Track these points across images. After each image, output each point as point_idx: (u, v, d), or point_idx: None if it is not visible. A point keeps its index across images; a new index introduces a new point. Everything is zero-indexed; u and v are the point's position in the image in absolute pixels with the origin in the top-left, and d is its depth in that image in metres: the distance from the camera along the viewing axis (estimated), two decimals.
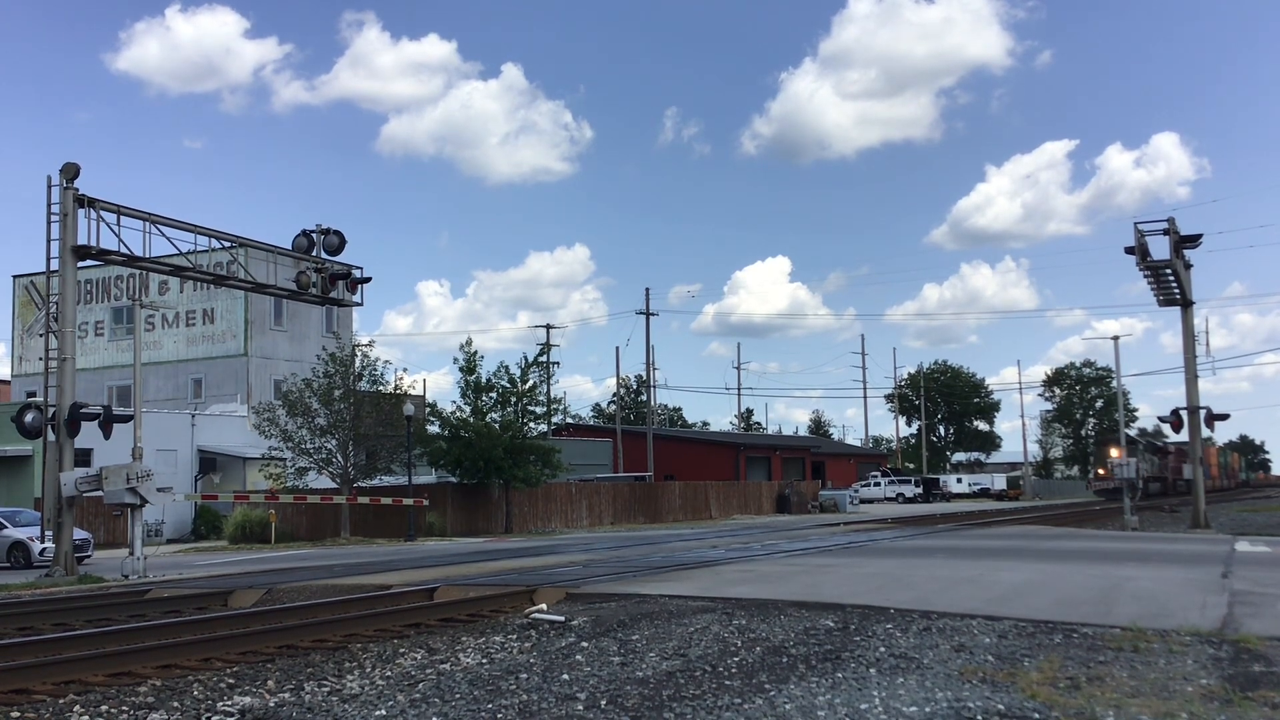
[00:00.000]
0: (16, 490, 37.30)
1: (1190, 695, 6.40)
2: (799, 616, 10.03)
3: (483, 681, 7.10)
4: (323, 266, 24.74)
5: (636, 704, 6.35)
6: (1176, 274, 31.63)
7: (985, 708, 6.05)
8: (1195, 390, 32.70)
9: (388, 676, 7.43)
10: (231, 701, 6.66)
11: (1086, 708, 6.04)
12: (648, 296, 63.91)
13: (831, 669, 7.36)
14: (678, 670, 7.41)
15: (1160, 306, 32.96)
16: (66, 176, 20.72)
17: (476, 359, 39.56)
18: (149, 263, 22.99)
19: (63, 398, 20.22)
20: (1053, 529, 27.65)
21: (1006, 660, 7.63)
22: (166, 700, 6.78)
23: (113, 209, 21.17)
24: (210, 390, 50.09)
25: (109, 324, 52.39)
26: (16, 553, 26.61)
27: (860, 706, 6.15)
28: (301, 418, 36.29)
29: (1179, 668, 7.28)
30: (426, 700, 6.55)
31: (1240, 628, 8.97)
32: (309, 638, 9.23)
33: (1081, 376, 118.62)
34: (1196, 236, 31.95)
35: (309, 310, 47.99)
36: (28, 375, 49.92)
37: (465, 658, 8.14)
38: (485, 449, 37.40)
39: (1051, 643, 8.40)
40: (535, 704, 6.40)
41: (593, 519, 44.80)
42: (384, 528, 36.51)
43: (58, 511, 20.07)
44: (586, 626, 9.58)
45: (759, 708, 6.20)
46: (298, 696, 6.79)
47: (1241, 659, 7.62)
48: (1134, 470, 33.97)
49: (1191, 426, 33.31)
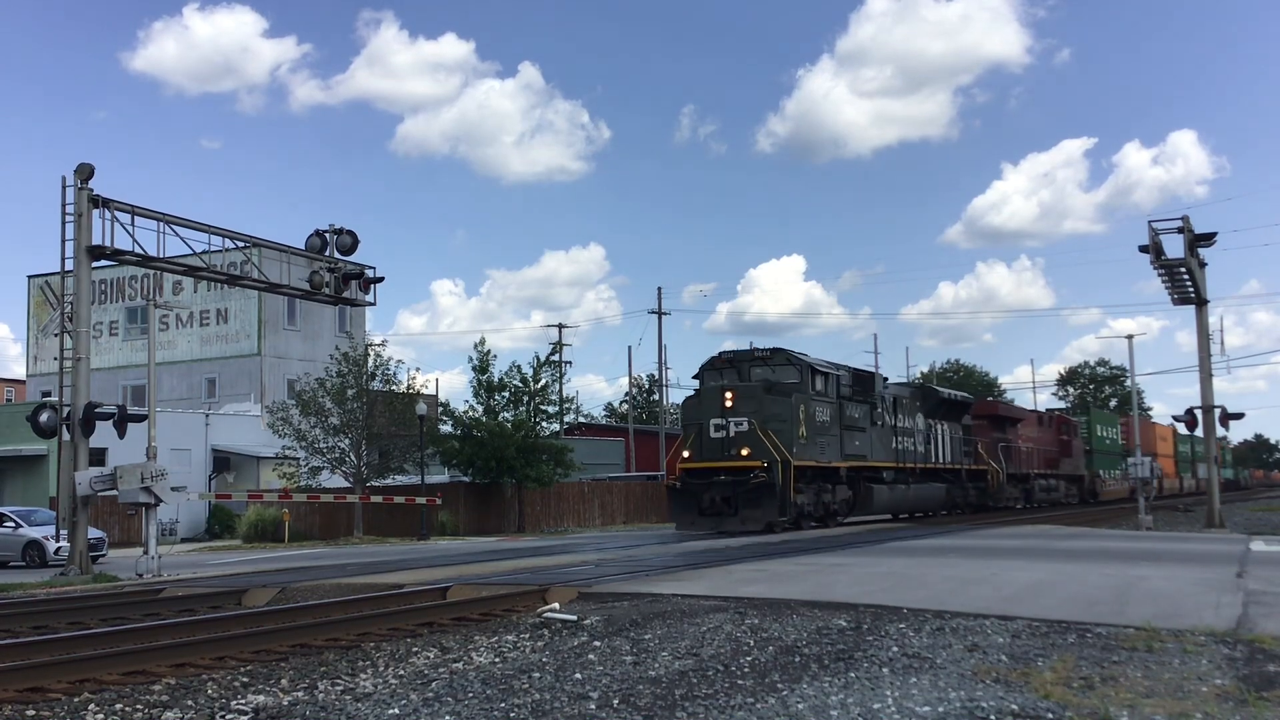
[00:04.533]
0: (31, 489, 37.54)
1: (1205, 695, 6.37)
2: (811, 616, 10.02)
3: (495, 680, 7.11)
4: (336, 266, 24.80)
5: (649, 703, 6.35)
6: (1190, 272, 31.48)
7: (999, 708, 6.04)
8: (1210, 389, 32.53)
9: (401, 675, 7.45)
10: (245, 700, 6.68)
11: (1100, 708, 6.02)
12: (660, 296, 63.94)
13: (844, 669, 7.35)
14: (690, 669, 7.41)
15: (1174, 305, 32.83)
16: (81, 177, 20.81)
17: (490, 358, 39.62)
18: (163, 263, 23.09)
19: (77, 397, 20.32)
20: (1066, 528, 27.55)
21: (1020, 660, 7.60)
22: (181, 699, 6.81)
23: (127, 209, 21.26)
24: (224, 390, 50.29)
25: (123, 324, 52.64)
26: (31, 551, 26.77)
27: (873, 706, 6.14)
28: (315, 417, 36.41)
29: (1193, 668, 7.25)
30: (439, 699, 6.57)
31: (1255, 628, 8.92)
32: (322, 636, 9.26)
33: (1095, 375, 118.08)
34: (1211, 235, 31.80)
35: (322, 310, 48.12)
36: (43, 375, 50.16)
37: (478, 656, 8.16)
38: (498, 448, 37.45)
39: (1065, 642, 8.38)
40: (548, 703, 6.41)
41: (605, 518, 44.82)
42: (396, 527, 36.61)
43: (72, 510, 20.17)
44: (599, 626, 9.59)
45: (771, 707, 6.20)
46: (311, 695, 6.81)
47: (1256, 659, 7.59)
48: (1149, 469, 33.90)
49: (1206, 425, 33.15)
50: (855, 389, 28.66)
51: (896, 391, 32.12)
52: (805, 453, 25.39)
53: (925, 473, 32.61)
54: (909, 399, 32.49)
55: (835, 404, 27.10)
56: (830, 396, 27.04)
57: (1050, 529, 26.90)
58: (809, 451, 25.58)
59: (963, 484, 35.64)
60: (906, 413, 31.69)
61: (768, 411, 24.72)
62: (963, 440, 35.92)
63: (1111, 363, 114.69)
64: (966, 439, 36.35)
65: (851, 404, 27.94)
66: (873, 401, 29.28)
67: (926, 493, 32.85)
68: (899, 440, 30.82)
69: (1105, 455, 54.61)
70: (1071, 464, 48.11)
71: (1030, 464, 42.44)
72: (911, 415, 32.13)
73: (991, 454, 37.69)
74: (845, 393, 27.88)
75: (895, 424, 30.68)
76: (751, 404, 24.85)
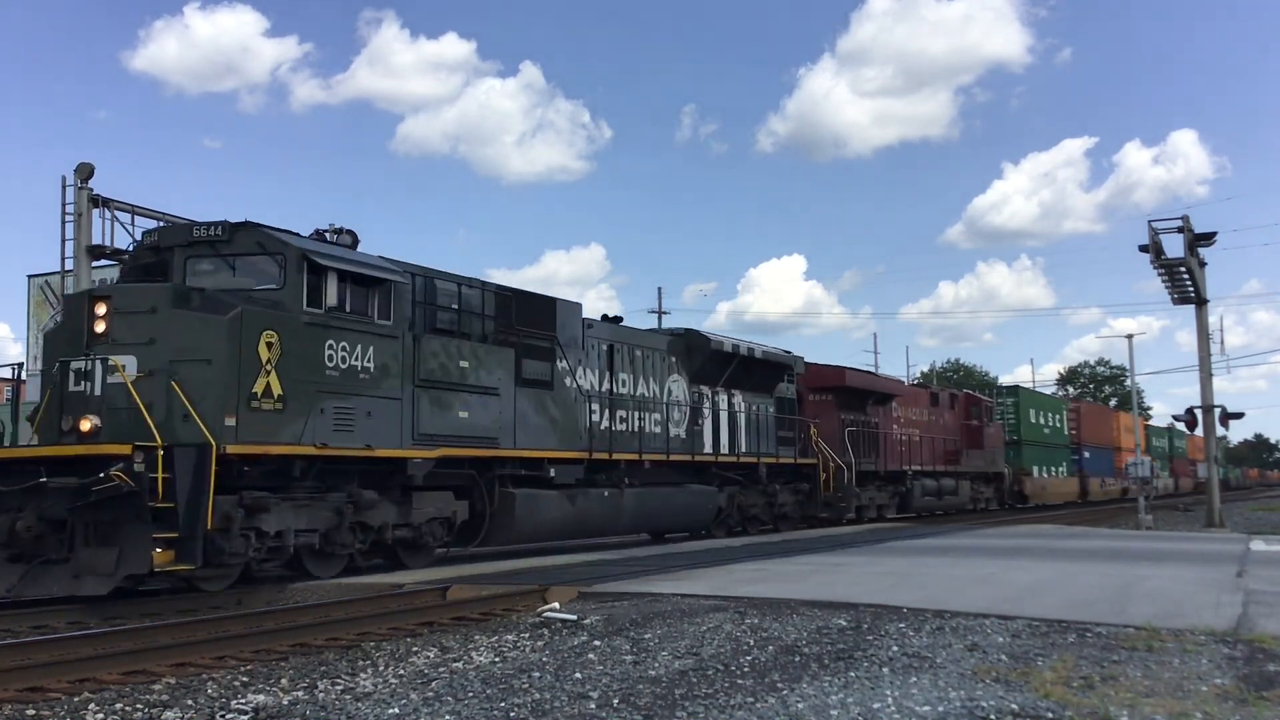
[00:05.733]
0: None
1: (1205, 695, 6.37)
2: (811, 616, 10.02)
3: (495, 680, 7.11)
4: None
5: (649, 702, 6.35)
6: (1190, 272, 31.51)
7: (999, 707, 6.04)
8: (1210, 388, 32.56)
9: (401, 675, 7.45)
10: (245, 699, 6.68)
11: (1100, 707, 6.02)
12: (660, 295, 63.76)
13: (844, 668, 7.35)
14: (690, 669, 7.41)
15: (1174, 305, 32.86)
16: (81, 176, 20.80)
17: None
18: None
19: None
20: (1066, 528, 27.57)
21: (1020, 660, 7.61)
22: (181, 698, 6.81)
23: (127, 209, 21.25)
24: None
25: None
26: None
27: (873, 706, 6.14)
28: None
29: (1193, 667, 7.25)
30: (439, 698, 6.57)
31: (1255, 627, 8.93)
32: (322, 636, 9.26)
33: (1095, 375, 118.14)
34: (1211, 234, 31.83)
35: None
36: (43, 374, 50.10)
37: (478, 656, 8.16)
38: None
39: (1065, 642, 8.38)
40: (548, 702, 6.41)
41: None
42: None
43: None
44: (599, 625, 9.59)
45: (771, 707, 6.20)
46: (311, 694, 6.81)
47: (1256, 659, 7.59)
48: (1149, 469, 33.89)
49: (1206, 425, 33.18)
50: (497, 320, 16.53)
51: (618, 336, 19.97)
52: (270, 427, 12.68)
53: (682, 468, 21.03)
54: (655, 352, 20.81)
55: (398, 339, 14.43)
56: (373, 320, 14.08)
57: (1050, 528, 26.93)
58: (282, 425, 12.82)
59: (762, 484, 23.78)
60: (645, 372, 20.24)
61: (175, 343, 12.26)
62: (774, 420, 24.26)
63: (1111, 362, 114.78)
64: (784, 419, 24.78)
65: (470, 345, 15.75)
66: (546, 345, 17.39)
67: (673, 501, 20.60)
68: (606, 413, 18.91)
69: (1041, 448, 45.16)
70: (983, 458, 37.59)
71: (911, 457, 31.82)
72: (659, 377, 20.65)
73: (834, 442, 26.66)
74: (447, 321, 15.60)
75: (609, 387, 19.15)
76: (141, 328, 12.31)
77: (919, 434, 32.85)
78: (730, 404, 22.90)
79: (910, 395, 34.10)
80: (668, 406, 20.80)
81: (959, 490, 35.29)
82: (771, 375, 24.59)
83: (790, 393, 25.42)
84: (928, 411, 34.24)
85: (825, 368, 29.41)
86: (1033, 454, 43.86)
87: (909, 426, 32.36)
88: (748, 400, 23.41)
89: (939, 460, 34.03)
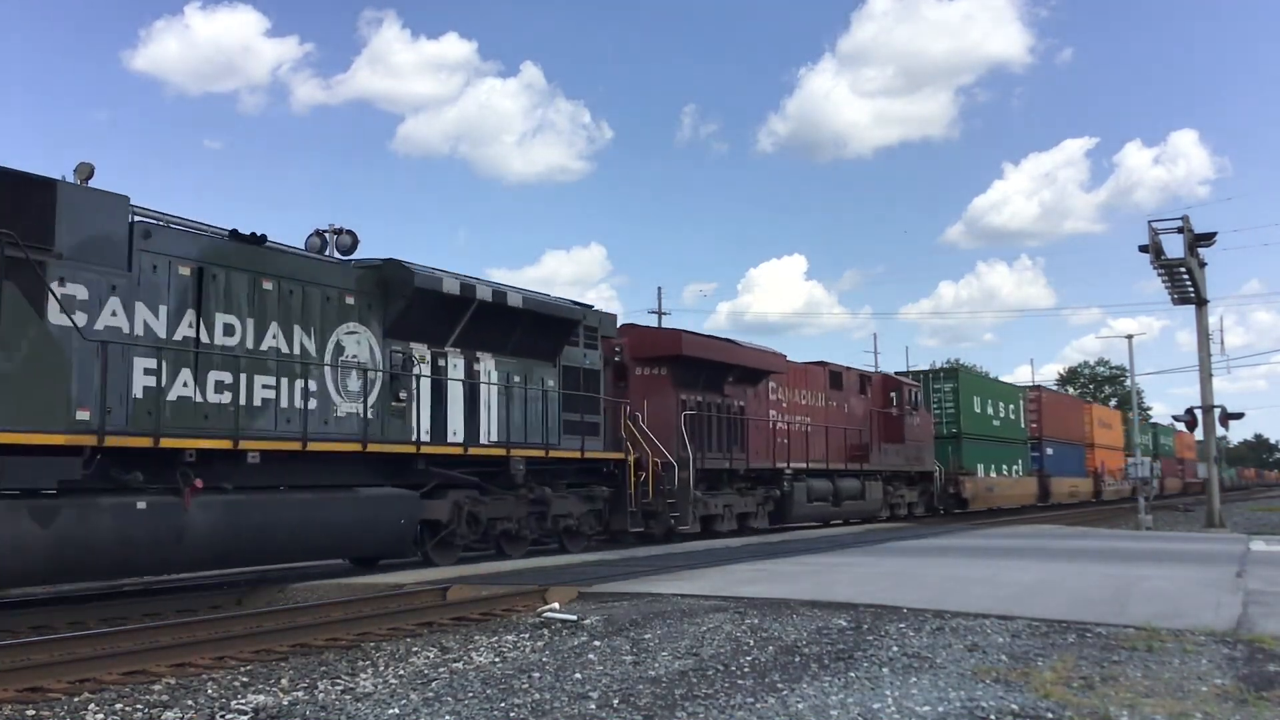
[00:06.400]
0: None
1: (1205, 695, 6.37)
2: (811, 616, 10.02)
3: (495, 680, 7.11)
4: None
5: (649, 703, 6.35)
6: (1190, 272, 31.54)
7: (999, 707, 6.04)
8: (1209, 389, 32.59)
9: (401, 675, 7.45)
10: (245, 700, 6.68)
11: (1100, 707, 6.02)
12: (660, 296, 63.92)
13: (844, 668, 7.35)
14: (690, 669, 7.41)
15: (1174, 305, 32.88)
16: (81, 176, 20.76)
17: None
18: None
19: None
20: (1066, 528, 27.59)
21: (1020, 660, 7.61)
22: (181, 699, 6.81)
23: None
24: None
25: None
26: None
27: (873, 706, 6.14)
28: None
29: (1193, 667, 7.25)
30: (439, 699, 6.57)
31: (1255, 627, 8.93)
32: (322, 636, 9.26)
33: (1095, 375, 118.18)
34: (1211, 235, 31.87)
35: None
36: None
37: (478, 656, 8.16)
38: None
39: (1065, 642, 8.38)
40: (548, 703, 6.41)
41: None
42: None
43: None
44: (599, 625, 9.59)
45: (771, 707, 6.20)
46: (311, 695, 6.81)
47: (1256, 659, 7.59)
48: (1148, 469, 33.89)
49: (1206, 425, 33.20)
50: None
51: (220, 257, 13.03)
52: None
53: (371, 466, 14.56)
54: (316, 288, 14.02)
55: None
56: None
57: (1050, 529, 26.94)
58: None
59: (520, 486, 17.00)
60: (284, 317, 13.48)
61: None
62: (558, 397, 17.89)
63: (1112, 362, 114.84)
64: (576, 396, 18.36)
65: None
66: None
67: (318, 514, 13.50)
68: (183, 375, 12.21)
69: (989, 442, 38.04)
70: (904, 454, 31.08)
71: (794, 452, 25.05)
72: (319, 327, 13.92)
73: (664, 431, 20.39)
74: None
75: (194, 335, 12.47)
76: None
77: (810, 423, 26.32)
78: (471, 372, 16.39)
79: (798, 374, 26.76)
80: (334, 371, 14.03)
81: (866, 493, 28.56)
82: (552, 335, 17.96)
83: (590, 362, 18.96)
84: (825, 395, 27.64)
85: (655, 331, 23.83)
86: (976, 450, 36.62)
87: (795, 413, 25.84)
88: (507, 369, 17.03)
89: (839, 456, 27.46)
